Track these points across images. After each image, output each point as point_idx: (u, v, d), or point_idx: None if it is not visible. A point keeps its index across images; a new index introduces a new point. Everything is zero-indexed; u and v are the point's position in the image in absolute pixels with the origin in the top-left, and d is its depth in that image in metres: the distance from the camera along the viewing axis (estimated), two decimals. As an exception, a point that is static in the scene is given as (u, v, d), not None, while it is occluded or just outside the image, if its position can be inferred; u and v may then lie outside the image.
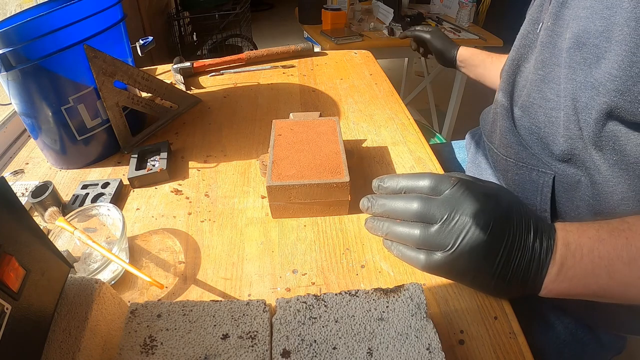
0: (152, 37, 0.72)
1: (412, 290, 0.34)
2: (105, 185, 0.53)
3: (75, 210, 0.44)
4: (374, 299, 0.33)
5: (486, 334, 0.36)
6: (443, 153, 0.79)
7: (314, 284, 0.41)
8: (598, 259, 0.33)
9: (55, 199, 0.48)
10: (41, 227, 0.31)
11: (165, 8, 2.07)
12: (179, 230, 0.47)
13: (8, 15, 0.55)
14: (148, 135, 0.64)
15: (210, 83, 0.82)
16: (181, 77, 0.80)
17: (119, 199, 0.52)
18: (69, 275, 0.33)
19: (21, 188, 0.54)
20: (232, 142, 0.63)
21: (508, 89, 0.52)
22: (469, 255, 0.35)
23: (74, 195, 0.52)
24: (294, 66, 0.87)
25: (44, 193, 0.47)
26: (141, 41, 0.70)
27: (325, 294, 0.34)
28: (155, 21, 1.84)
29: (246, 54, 0.87)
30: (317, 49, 0.94)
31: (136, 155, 0.57)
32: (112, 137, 0.60)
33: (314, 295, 0.34)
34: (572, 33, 0.39)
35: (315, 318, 0.32)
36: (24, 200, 0.49)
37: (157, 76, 0.77)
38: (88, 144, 0.58)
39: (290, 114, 0.59)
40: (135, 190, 0.54)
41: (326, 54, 0.93)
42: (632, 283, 0.32)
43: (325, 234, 0.46)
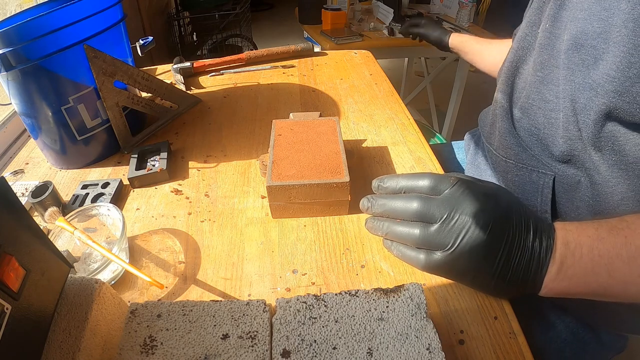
0: (152, 37, 0.72)
1: (412, 290, 0.34)
2: (105, 185, 0.53)
3: (75, 210, 0.44)
4: (374, 299, 0.33)
5: (486, 334, 0.36)
6: (443, 153, 0.79)
7: (314, 284, 0.41)
8: (598, 257, 0.33)
9: (55, 199, 0.48)
10: (41, 227, 0.31)
11: (165, 8, 2.07)
12: (179, 230, 0.47)
13: (8, 15, 0.55)
14: (148, 135, 0.64)
15: (210, 83, 0.82)
16: (181, 77, 0.80)
17: (119, 199, 0.52)
18: (69, 275, 0.33)
19: (21, 188, 0.54)
20: (232, 142, 0.63)
21: (507, 90, 0.52)
22: (468, 254, 0.35)
23: (74, 195, 0.52)
24: (294, 66, 0.87)
25: (44, 193, 0.47)
26: (141, 41, 0.70)
27: (325, 294, 0.34)
28: (155, 21, 1.84)
29: (246, 54, 0.87)
30: (317, 49, 0.94)
31: (136, 155, 0.57)
32: (112, 137, 0.60)
33: (314, 295, 0.34)
34: (570, 35, 0.39)
35: (315, 318, 0.32)
36: (24, 200, 0.49)
37: (157, 76, 0.77)
38: (88, 144, 0.58)
39: (290, 114, 0.59)
40: (135, 190, 0.54)
41: (326, 54, 0.93)
42: (632, 281, 0.32)
43: (325, 234, 0.46)
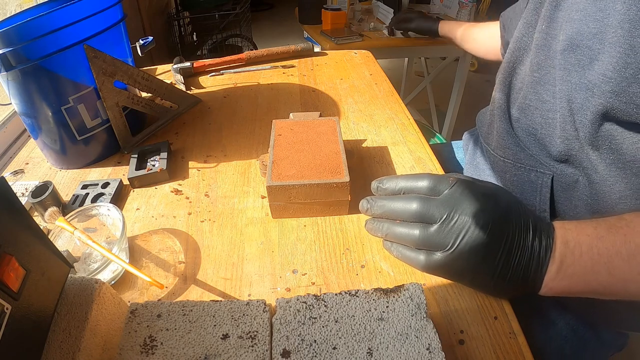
0: (152, 37, 0.72)
1: (412, 290, 0.34)
2: (105, 185, 0.53)
3: (75, 210, 0.44)
4: (374, 299, 0.33)
5: (486, 334, 0.36)
6: (443, 153, 0.79)
7: (314, 284, 0.41)
8: (597, 256, 0.33)
9: (55, 199, 0.48)
10: (41, 227, 0.31)
11: (165, 8, 2.07)
12: (179, 230, 0.47)
13: (8, 15, 0.55)
14: (148, 135, 0.64)
15: (210, 83, 0.82)
16: (181, 77, 0.80)
17: (119, 199, 0.52)
18: (69, 275, 0.33)
19: (21, 188, 0.54)
20: (232, 142, 0.63)
21: (505, 90, 0.52)
22: (468, 255, 0.35)
23: (74, 195, 0.52)
24: (294, 66, 0.87)
25: (44, 193, 0.47)
26: (141, 41, 0.70)
27: (325, 294, 0.34)
28: (155, 21, 1.84)
29: (246, 54, 0.87)
30: (317, 49, 0.94)
31: (136, 155, 0.57)
32: (112, 137, 0.60)
33: (314, 295, 0.34)
34: (566, 35, 0.39)
35: (315, 318, 0.32)
36: (24, 200, 0.49)
37: (157, 76, 0.77)
38: (88, 144, 0.58)
39: (290, 114, 0.59)
40: (135, 190, 0.54)
41: (326, 54, 0.93)
42: (632, 279, 0.32)
43: (325, 234, 0.46)
